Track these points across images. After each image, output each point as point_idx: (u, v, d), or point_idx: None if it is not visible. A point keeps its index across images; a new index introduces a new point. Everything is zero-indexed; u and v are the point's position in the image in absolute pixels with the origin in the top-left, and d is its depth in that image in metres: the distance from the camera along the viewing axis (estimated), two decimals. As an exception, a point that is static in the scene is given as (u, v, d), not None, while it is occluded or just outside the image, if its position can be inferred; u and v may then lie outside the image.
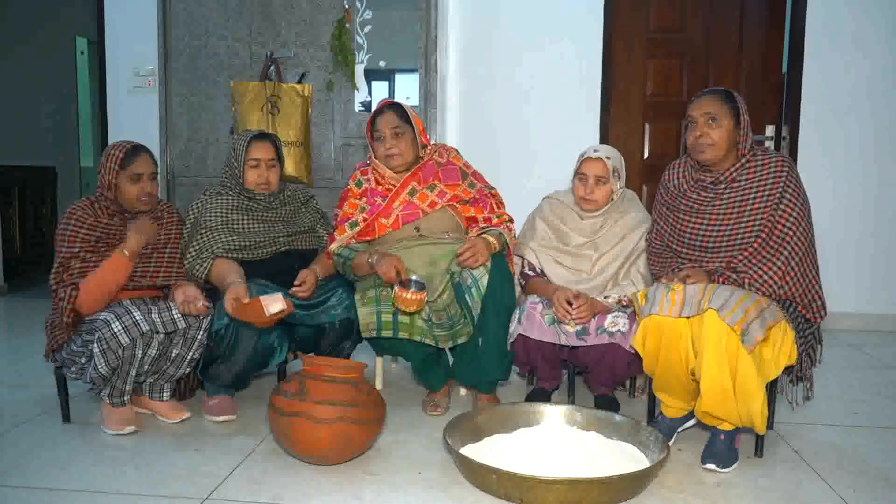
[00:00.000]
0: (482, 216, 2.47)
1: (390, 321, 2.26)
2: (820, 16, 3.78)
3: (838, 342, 3.59)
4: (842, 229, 3.87)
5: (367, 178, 2.49)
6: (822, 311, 2.10)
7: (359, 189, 2.48)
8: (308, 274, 2.37)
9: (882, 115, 3.82)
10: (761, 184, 2.07)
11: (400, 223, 2.40)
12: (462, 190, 2.46)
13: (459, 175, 2.49)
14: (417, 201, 2.42)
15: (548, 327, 2.31)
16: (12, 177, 5.10)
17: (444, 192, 2.44)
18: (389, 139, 2.41)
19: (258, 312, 2.12)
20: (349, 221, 2.43)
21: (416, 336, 2.27)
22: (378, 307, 2.26)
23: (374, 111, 2.47)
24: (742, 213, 2.07)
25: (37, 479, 1.88)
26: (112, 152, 2.25)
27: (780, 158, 2.10)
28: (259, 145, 2.47)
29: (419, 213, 2.41)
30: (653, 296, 2.02)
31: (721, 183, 2.12)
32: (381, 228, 2.41)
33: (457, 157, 2.56)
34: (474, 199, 2.48)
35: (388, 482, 1.89)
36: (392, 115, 2.42)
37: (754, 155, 2.11)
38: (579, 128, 3.90)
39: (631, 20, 3.95)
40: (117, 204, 2.26)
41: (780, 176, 2.06)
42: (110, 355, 2.10)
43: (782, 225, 2.03)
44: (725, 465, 1.96)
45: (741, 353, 1.86)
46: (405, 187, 2.43)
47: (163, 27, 3.68)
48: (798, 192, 2.06)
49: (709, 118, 2.07)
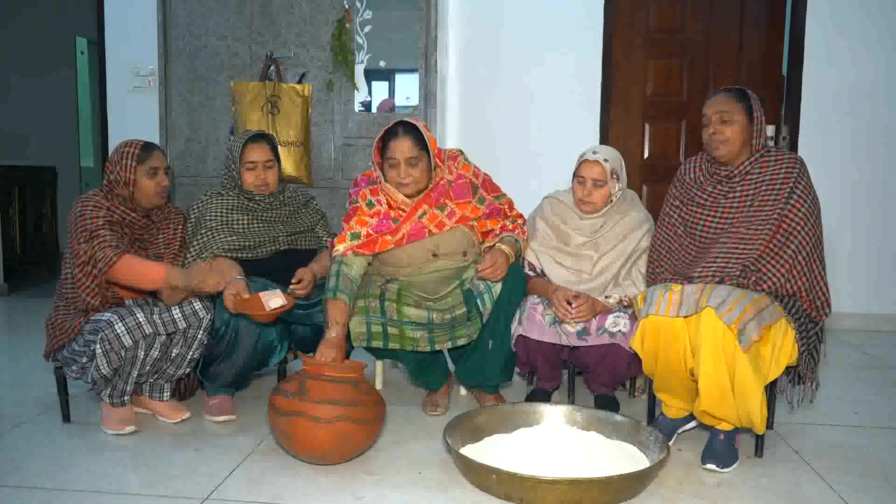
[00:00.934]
0: (499, 226, 2.42)
1: (380, 332, 2.22)
2: (820, 16, 3.78)
3: (838, 342, 3.59)
4: (842, 229, 3.87)
5: (378, 199, 2.36)
6: (826, 308, 2.09)
7: (370, 210, 2.36)
8: (306, 272, 2.37)
9: (882, 115, 3.82)
10: (773, 179, 2.09)
11: (405, 241, 2.33)
12: (471, 209, 2.38)
13: (470, 190, 2.40)
14: (426, 222, 2.34)
15: (548, 328, 2.31)
16: (12, 177, 5.09)
17: (454, 213, 2.35)
18: (404, 167, 2.28)
19: (258, 307, 2.13)
20: (351, 233, 2.33)
21: (408, 346, 2.23)
22: (368, 318, 2.22)
23: (386, 129, 2.31)
24: (752, 207, 2.09)
25: (37, 479, 1.88)
26: (126, 150, 2.25)
27: (793, 157, 2.13)
28: (255, 147, 2.46)
29: (426, 232, 2.33)
30: (651, 296, 2.02)
31: (735, 177, 2.15)
32: (385, 244, 2.32)
33: (465, 165, 2.45)
34: (486, 215, 2.41)
35: (388, 482, 1.89)
36: (408, 142, 2.27)
37: (768, 151, 2.15)
38: (579, 128, 3.90)
39: (631, 20, 3.95)
40: (132, 200, 2.26)
41: (792, 173, 2.08)
42: (113, 356, 2.10)
43: (790, 220, 2.04)
44: (725, 464, 1.96)
45: (738, 352, 1.86)
46: (416, 211, 2.34)
47: (163, 27, 3.68)
48: (808, 190, 2.08)
49: (722, 116, 2.12)
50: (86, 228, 2.15)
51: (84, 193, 2.28)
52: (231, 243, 2.38)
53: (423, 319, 2.26)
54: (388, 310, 2.24)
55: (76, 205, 2.21)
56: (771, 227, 2.04)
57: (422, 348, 2.25)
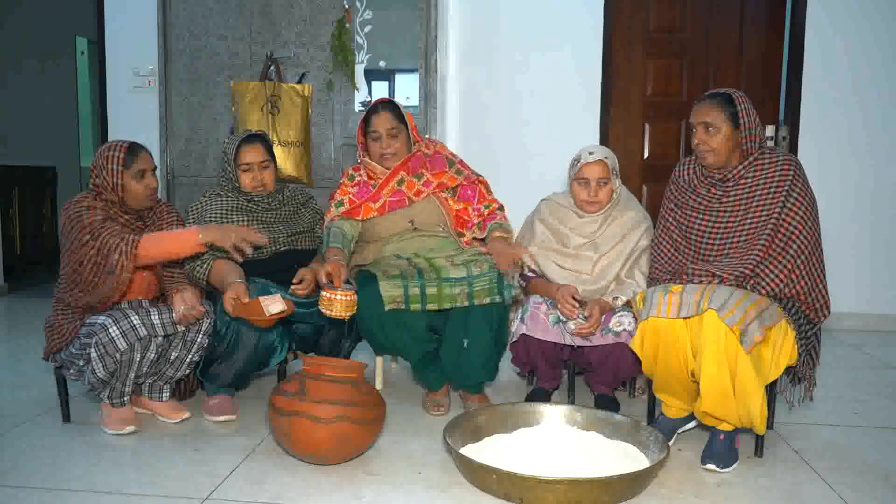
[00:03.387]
0: (472, 208, 2.53)
1: (418, 294, 2.27)
2: (819, 16, 3.78)
3: (838, 342, 3.59)
4: (841, 229, 3.86)
5: (360, 173, 2.58)
6: (825, 310, 2.09)
7: (351, 182, 2.57)
8: (306, 272, 2.36)
9: (882, 115, 3.82)
10: (768, 181, 2.07)
11: (386, 209, 2.49)
12: (448, 177, 2.55)
13: (446, 163, 2.59)
14: (405, 189, 2.50)
15: (552, 327, 2.31)
16: (12, 177, 5.09)
17: (430, 182, 2.52)
18: (385, 139, 2.49)
19: (258, 312, 2.12)
20: (335, 202, 2.52)
21: (446, 304, 2.29)
22: (405, 282, 2.28)
23: (368, 109, 2.54)
24: (748, 210, 2.08)
25: (37, 479, 1.88)
26: (110, 153, 2.18)
27: (788, 158, 2.10)
28: (249, 149, 2.45)
29: (406, 200, 2.49)
30: (650, 298, 2.01)
31: (729, 180, 2.12)
32: (368, 211, 2.49)
33: (443, 147, 2.67)
34: (462, 186, 2.57)
35: (388, 482, 1.89)
36: (388, 115, 2.50)
37: (762, 154, 2.11)
38: (579, 128, 3.90)
39: (631, 20, 3.95)
40: (121, 203, 2.22)
41: (787, 174, 2.06)
42: (108, 360, 2.10)
43: (788, 223, 2.02)
44: (725, 464, 1.96)
45: (740, 353, 1.86)
46: (394, 176, 2.50)
47: (163, 27, 3.68)
48: (805, 191, 2.06)
49: (706, 127, 2.08)
50: (86, 226, 2.10)
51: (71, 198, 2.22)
52: (231, 244, 2.37)
53: (462, 273, 2.31)
54: (425, 271, 2.32)
55: (68, 208, 2.16)
56: (769, 232, 2.03)
57: (460, 304, 2.28)
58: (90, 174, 2.23)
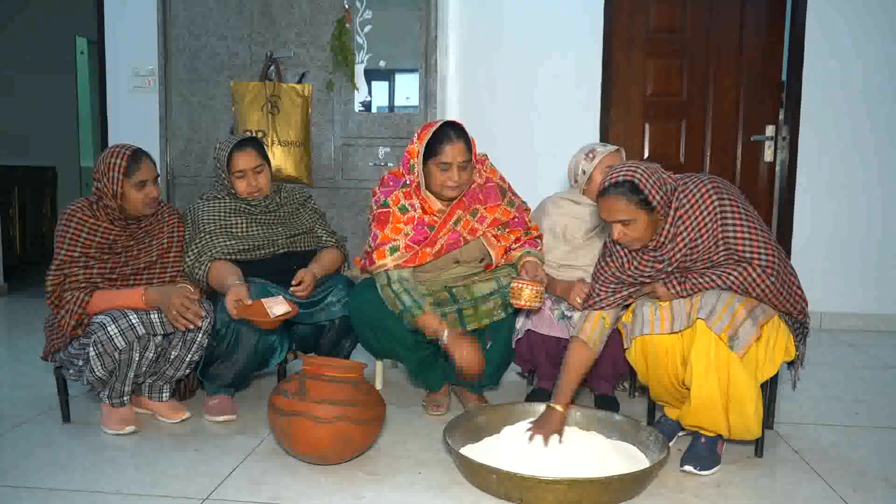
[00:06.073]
0: (515, 237, 2.42)
1: (455, 318, 2.31)
2: (820, 16, 3.78)
3: (838, 342, 3.58)
4: (842, 229, 3.87)
5: (412, 203, 2.30)
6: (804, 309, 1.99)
7: (403, 215, 2.29)
8: (306, 274, 2.36)
9: (882, 115, 3.82)
10: (699, 220, 1.91)
11: (442, 252, 2.31)
12: (502, 210, 2.37)
13: (499, 193, 2.39)
14: (461, 229, 2.32)
15: (556, 322, 2.32)
16: (12, 177, 5.10)
17: (485, 217, 2.34)
18: (456, 172, 2.23)
19: (262, 314, 2.12)
20: (389, 246, 2.27)
21: (485, 319, 2.32)
22: (441, 308, 2.28)
23: (434, 132, 2.23)
24: (695, 249, 1.92)
25: (37, 479, 1.88)
26: (112, 161, 2.17)
27: (702, 184, 1.92)
28: (241, 155, 2.41)
29: (461, 241, 2.32)
30: (640, 314, 1.98)
31: (664, 244, 1.96)
32: (425, 257, 2.29)
33: (492, 169, 2.43)
34: (513, 220, 2.39)
35: (388, 482, 1.89)
36: (462, 146, 2.22)
37: (682, 206, 1.92)
38: (579, 128, 3.90)
39: (631, 20, 3.95)
40: (120, 210, 2.21)
41: (712, 201, 1.90)
42: (106, 359, 2.09)
43: (734, 242, 1.88)
44: (704, 468, 1.93)
45: (732, 359, 1.83)
46: (452, 216, 2.32)
47: (163, 27, 3.68)
48: (736, 204, 1.90)
49: (623, 223, 1.91)
50: (58, 256, 2.15)
51: (76, 200, 2.23)
52: (230, 247, 2.36)
53: (493, 287, 2.33)
54: (458, 293, 2.32)
55: (61, 218, 2.19)
56: (723, 252, 1.89)
57: (497, 317, 2.32)
58: (93, 177, 2.23)
